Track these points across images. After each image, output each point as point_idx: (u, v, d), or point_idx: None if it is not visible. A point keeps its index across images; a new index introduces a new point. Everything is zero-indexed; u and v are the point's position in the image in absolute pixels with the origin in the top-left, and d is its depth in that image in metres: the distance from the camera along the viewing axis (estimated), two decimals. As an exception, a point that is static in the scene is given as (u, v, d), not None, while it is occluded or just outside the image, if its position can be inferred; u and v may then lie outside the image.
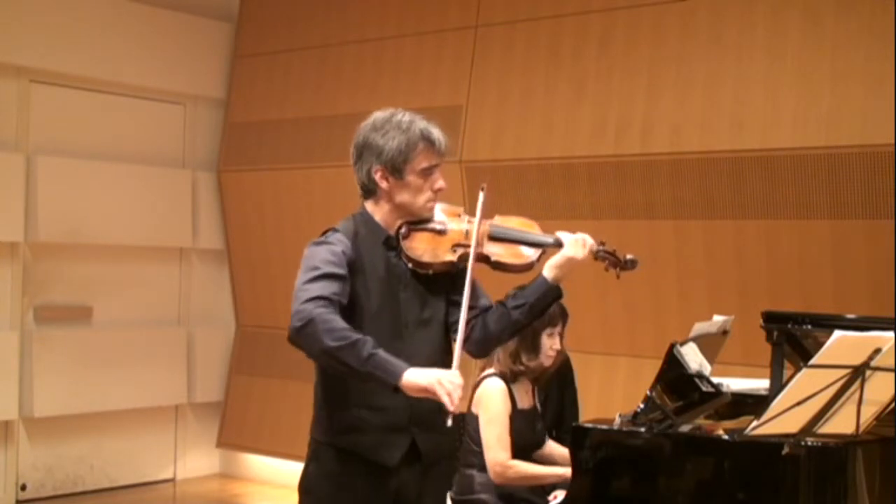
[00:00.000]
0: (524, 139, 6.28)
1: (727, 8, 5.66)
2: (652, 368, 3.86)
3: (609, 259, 3.12)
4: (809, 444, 3.34)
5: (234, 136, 7.77)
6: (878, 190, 5.13)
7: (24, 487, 6.89)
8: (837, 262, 5.31)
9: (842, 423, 3.30)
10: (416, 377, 2.77)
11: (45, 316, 6.96)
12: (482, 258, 3.06)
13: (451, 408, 2.74)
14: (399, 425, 2.97)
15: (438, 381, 2.75)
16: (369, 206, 3.13)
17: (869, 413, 3.31)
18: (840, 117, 5.23)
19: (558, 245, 3.08)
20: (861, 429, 3.32)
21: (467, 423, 4.21)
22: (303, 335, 2.81)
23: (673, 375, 3.75)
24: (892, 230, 5.04)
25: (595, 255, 3.10)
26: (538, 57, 6.29)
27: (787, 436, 3.29)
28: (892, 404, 3.35)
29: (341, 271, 2.95)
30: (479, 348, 3.15)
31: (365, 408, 2.98)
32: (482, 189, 3.14)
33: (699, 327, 4.15)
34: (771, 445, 3.35)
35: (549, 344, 4.16)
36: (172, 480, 7.70)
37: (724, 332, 4.37)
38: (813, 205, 5.34)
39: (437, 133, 3.12)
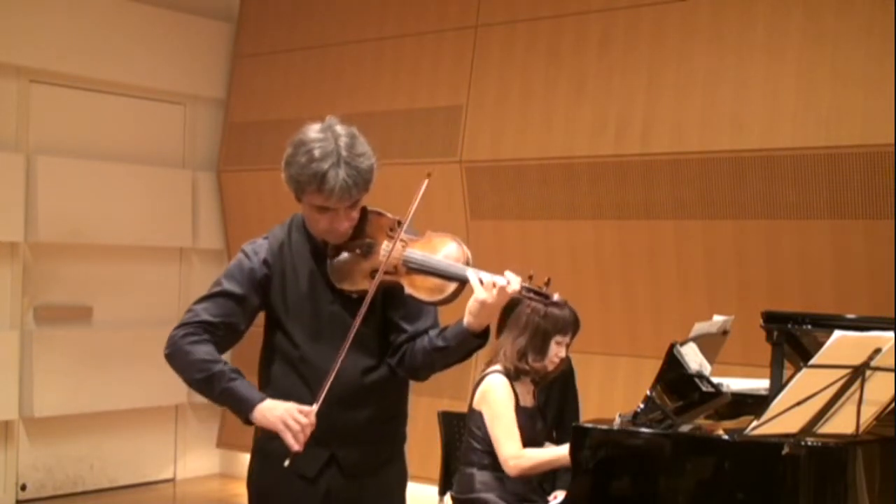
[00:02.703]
0: (524, 139, 6.28)
1: (727, 8, 5.66)
2: (652, 368, 3.86)
3: (533, 299, 2.86)
4: (809, 444, 3.34)
5: (234, 136, 7.77)
6: (878, 190, 5.13)
7: (24, 487, 6.89)
8: (837, 262, 5.31)
9: (842, 423, 3.30)
10: (265, 414, 2.82)
11: (45, 316, 6.96)
12: (396, 286, 2.89)
13: (294, 448, 2.76)
14: (318, 437, 2.87)
15: (284, 422, 2.77)
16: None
17: (869, 413, 3.31)
18: (840, 117, 5.23)
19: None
20: (861, 429, 3.32)
21: (468, 420, 4.21)
22: (170, 363, 2.95)
23: (673, 375, 3.75)
24: (892, 230, 5.04)
25: (518, 296, 2.85)
26: (538, 57, 6.29)
27: (787, 436, 3.29)
28: (892, 404, 3.36)
29: (240, 290, 2.96)
30: (408, 374, 3.02)
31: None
32: (427, 176, 2.94)
33: (699, 327, 4.15)
34: (771, 445, 3.35)
35: (556, 351, 4.16)
36: (172, 480, 7.70)
37: (724, 332, 4.37)
38: (813, 205, 5.33)
39: (335, 181, 2.80)
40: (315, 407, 2.78)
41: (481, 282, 2.80)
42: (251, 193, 7.59)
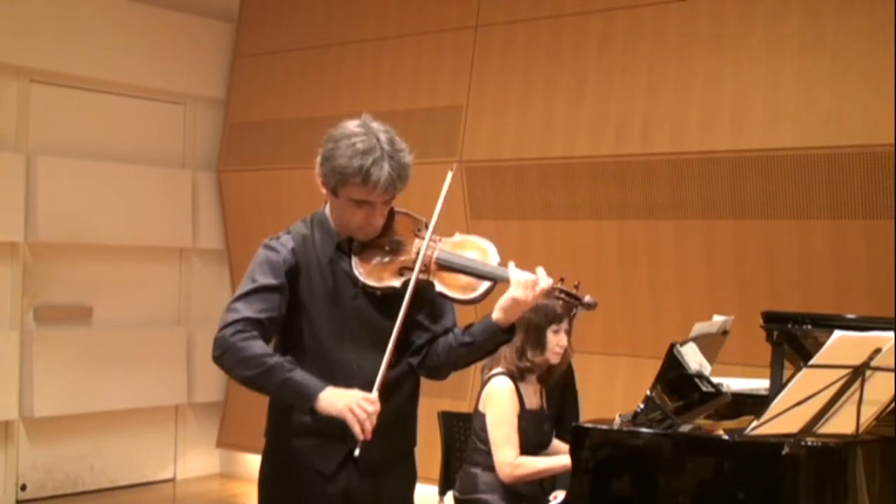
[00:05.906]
0: (524, 139, 6.28)
1: (727, 8, 5.66)
2: (652, 368, 3.86)
3: (565, 300, 2.91)
4: (809, 444, 3.34)
5: (234, 136, 7.77)
6: (878, 190, 5.13)
7: (24, 487, 6.90)
8: (837, 262, 5.31)
9: (842, 423, 3.30)
10: (329, 402, 2.79)
11: (45, 316, 6.96)
12: (427, 285, 2.91)
13: (359, 437, 2.76)
14: (335, 434, 2.90)
15: (350, 409, 2.76)
16: (329, 204, 3.04)
17: (869, 413, 3.31)
18: (840, 117, 5.23)
19: (508, 281, 2.88)
20: (861, 429, 3.32)
21: (474, 421, 4.21)
22: (222, 364, 2.90)
23: (673, 375, 3.75)
24: (892, 230, 5.04)
25: (549, 295, 2.91)
26: (538, 57, 6.29)
27: (787, 436, 3.29)
28: (892, 404, 3.35)
29: (277, 282, 2.93)
30: (430, 374, 3.06)
31: (305, 413, 2.94)
32: (450, 171, 3.04)
33: (699, 327, 4.15)
34: (771, 445, 3.35)
35: (556, 340, 4.15)
36: (172, 480, 7.71)
37: (724, 332, 4.37)
38: (813, 205, 5.33)
39: (380, 174, 2.85)
40: (376, 394, 2.79)
41: (519, 280, 2.85)
42: (251, 193, 7.59)
